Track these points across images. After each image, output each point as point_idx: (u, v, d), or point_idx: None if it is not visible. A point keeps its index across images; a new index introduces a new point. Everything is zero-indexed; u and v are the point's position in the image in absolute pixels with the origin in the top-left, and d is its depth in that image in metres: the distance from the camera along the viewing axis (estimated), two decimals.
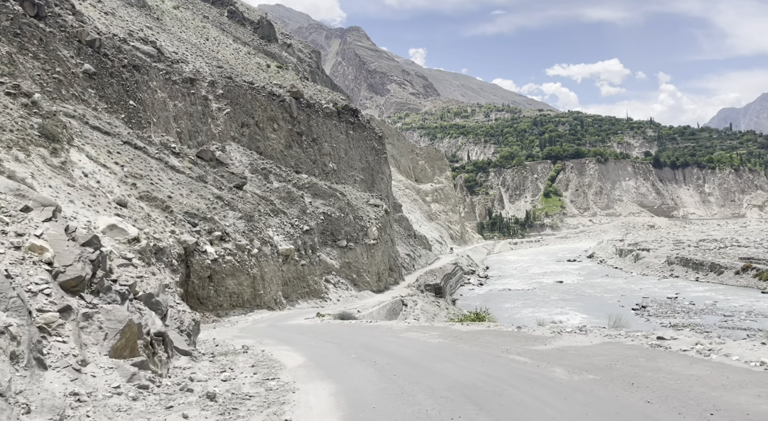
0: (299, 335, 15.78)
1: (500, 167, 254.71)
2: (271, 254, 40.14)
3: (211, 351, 13.93)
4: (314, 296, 49.04)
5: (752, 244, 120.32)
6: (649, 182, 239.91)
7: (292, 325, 21.82)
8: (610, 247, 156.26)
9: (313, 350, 13.76)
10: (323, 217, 59.61)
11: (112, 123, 40.65)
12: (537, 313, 74.64)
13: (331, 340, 15.11)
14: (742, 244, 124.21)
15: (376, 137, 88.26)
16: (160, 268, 28.08)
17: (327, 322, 20.91)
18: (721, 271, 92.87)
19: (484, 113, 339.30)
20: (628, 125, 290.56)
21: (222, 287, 34.52)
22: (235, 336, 16.62)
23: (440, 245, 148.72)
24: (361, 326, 18.34)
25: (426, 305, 52.33)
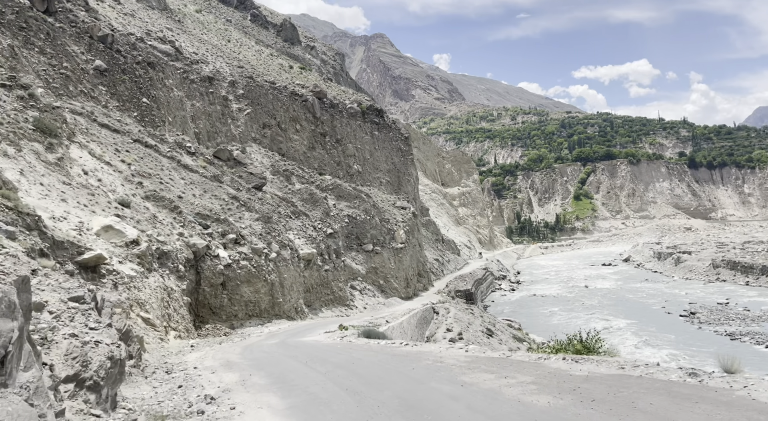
0: (306, 365, 11.42)
1: (528, 170, 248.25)
2: (291, 258, 36.74)
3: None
4: (339, 304, 45.50)
5: None
6: (685, 183, 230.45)
7: (306, 343, 18.07)
8: (647, 250, 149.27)
9: (314, 411, 8.22)
10: (348, 220, 56.14)
11: (122, 121, 37.94)
12: (575, 320, 69.77)
13: (349, 383, 9.65)
14: None
15: (402, 138, 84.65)
16: (164, 274, 24.88)
17: (348, 341, 16.89)
18: None
19: (510, 117, 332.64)
20: (661, 126, 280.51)
21: (236, 295, 31.18)
22: (224, 364, 12.47)
23: (469, 250, 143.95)
24: (395, 353, 12.93)
25: (459, 313, 48.31)
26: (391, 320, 34.03)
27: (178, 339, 22.81)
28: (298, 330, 26.48)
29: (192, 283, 28.62)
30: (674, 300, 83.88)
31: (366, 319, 32.87)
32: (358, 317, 37.26)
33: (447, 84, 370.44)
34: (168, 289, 24.20)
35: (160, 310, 22.24)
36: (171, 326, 22.96)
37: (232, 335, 26.04)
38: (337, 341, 16.87)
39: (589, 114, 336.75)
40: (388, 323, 28.77)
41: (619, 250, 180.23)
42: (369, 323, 28.49)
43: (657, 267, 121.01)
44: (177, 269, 26.22)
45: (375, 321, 30.84)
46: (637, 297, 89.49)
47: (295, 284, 36.83)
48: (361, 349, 14.18)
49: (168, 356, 16.50)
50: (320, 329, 25.49)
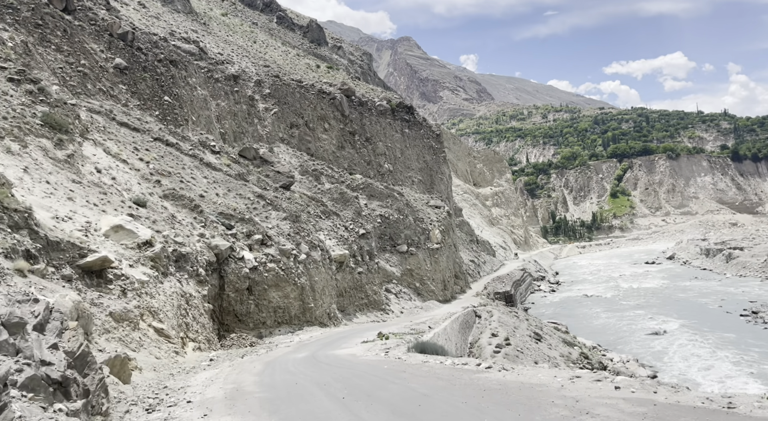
0: (344, 406, 7.66)
1: (562, 168, 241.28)
2: (322, 260, 33.98)
3: None
4: (374, 308, 42.60)
5: None
6: (728, 177, 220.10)
7: (341, 358, 15.02)
8: (692, 247, 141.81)
9: None
10: (380, 220, 53.24)
11: (142, 119, 35.91)
12: (623, 322, 65.17)
13: None
14: None
15: (433, 136, 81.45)
16: (182, 278, 22.33)
17: (397, 358, 13.06)
18: None
19: (541, 115, 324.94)
20: (699, 119, 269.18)
21: (264, 300, 28.52)
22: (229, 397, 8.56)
23: (504, 251, 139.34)
24: (485, 386, 8.61)
25: (503, 316, 44.72)
26: (433, 326, 30.86)
27: (198, 351, 20.17)
28: (332, 339, 23.57)
29: (215, 288, 26.06)
30: (731, 299, 78.04)
31: (405, 325, 29.80)
32: (395, 323, 34.26)
33: (475, 84, 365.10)
34: (186, 295, 21.64)
35: (176, 319, 19.64)
36: (189, 336, 20.34)
37: (259, 346, 23.32)
38: (381, 357, 13.62)
39: (623, 109, 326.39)
40: (431, 329, 25.68)
41: (661, 247, 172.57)
42: (411, 329, 25.40)
43: (706, 264, 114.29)
44: (197, 273, 23.67)
45: (417, 327, 27.75)
46: (689, 296, 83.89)
47: (327, 287, 34.03)
48: (421, 374, 10.13)
49: (176, 375, 13.76)
50: (356, 337, 22.54)
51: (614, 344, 56.46)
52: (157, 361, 15.76)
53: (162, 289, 19.95)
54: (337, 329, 31.48)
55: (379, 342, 18.71)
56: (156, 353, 16.44)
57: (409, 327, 28.81)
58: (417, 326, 28.57)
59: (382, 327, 30.99)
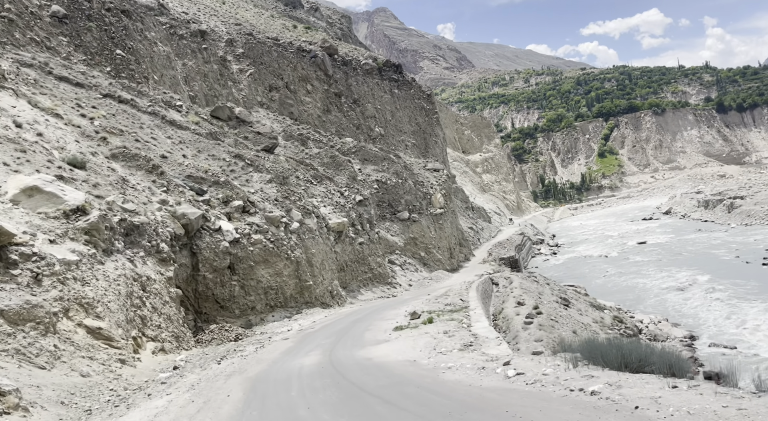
0: None
1: (548, 131, 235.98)
2: (318, 229, 28.04)
3: None
4: (379, 282, 37.01)
5: None
6: (714, 129, 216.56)
7: (389, 370, 8.52)
8: (688, 200, 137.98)
9: None
10: (377, 186, 47.31)
11: (88, 74, 29.24)
12: (639, 279, 60.49)
13: None
14: None
15: (424, 96, 75.03)
16: (135, 256, 16.28)
17: (530, 382, 6.49)
18: None
19: (523, 79, 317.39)
20: (681, 73, 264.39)
21: (251, 280, 22.60)
22: None
23: (499, 217, 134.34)
24: None
25: (525, 282, 39.38)
26: (455, 297, 25.23)
27: (160, 354, 14.27)
28: (344, 325, 17.79)
29: (186, 268, 20.06)
30: (745, 249, 73.46)
31: (426, 299, 24.15)
32: (410, 297, 28.74)
33: (455, 52, 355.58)
34: (142, 278, 15.63)
35: (124, 312, 13.66)
36: (147, 334, 14.40)
37: (246, 339, 17.49)
38: (485, 379, 6.91)
39: (605, 69, 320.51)
40: (463, 302, 20.15)
41: (654, 204, 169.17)
42: (446, 304, 19.74)
43: (706, 216, 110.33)
44: (158, 249, 17.62)
45: (441, 300, 22.12)
46: (700, 248, 79.34)
47: (326, 261, 28.18)
48: None
49: (95, 412, 7.87)
50: (377, 320, 16.88)
51: (635, 303, 51.27)
52: (81, 380, 9.87)
53: (102, 272, 13.94)
54: (343, 309, 25.77)
55: (425, 329, 12.89)
56: (83, 366, 10.53)
57: (432, 299, 23.19)
58: (441, 300, 22.93)
59: (395, 304, 25.33)
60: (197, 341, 17.74)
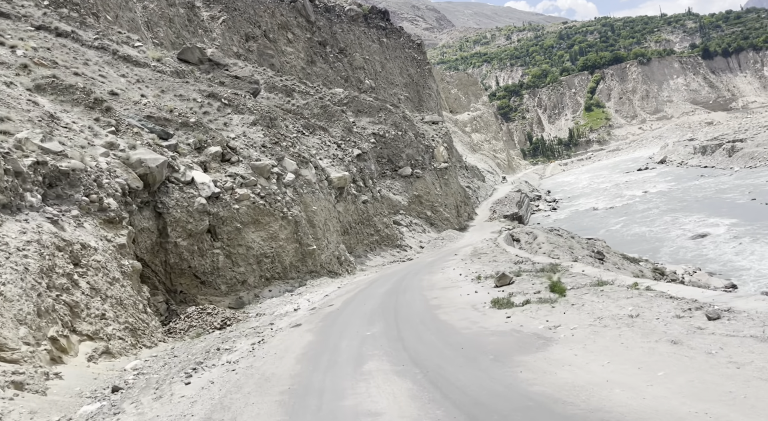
0: None
1: (534, 88, 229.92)
2: (318, 182, 22.63)
3: None
4: (387, 245, 31.97)
5: None
6: (700, 76, 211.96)
7: None
8: (682, 148, 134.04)
9: None
10: (374, 139, 41.77)
11: (17, 3, 23.03)
12: (653, 229, 56.25)
13: None
14: None
15: (414, 46, 68.70)
16: (62, 215, 10.76)
17: None
18: None
19: (504, 36, 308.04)
20: (664, 21, 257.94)
21: (239, 246, 17.28)
22: None
23: (492, 176, 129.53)
24: None
25: (550, 236, 34.78)
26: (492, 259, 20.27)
27: (103, 360, 9.00)
28: (378, 301, 12.67)
29: (151, 233, 14.65)
30: (758, 190, 69.25)
31: (463, 260, 19.10)
32: (431, 259, 23.76)
33: (434, 12, 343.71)
34: (72, 247, 10.17)
35: (31, 299, 8.28)
36: (79, 330, 9.08)
37: (236, 326, 12.28)
38: None
39: (587, 21, 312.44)
40: (519, 257, 15.22)
41: (645, 154, 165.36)
42: (516, 263, 14.72)
43: (706, 162, 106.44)
44: (101, 207, 12.14)
45: (504, 259, 17.09)
46: (709, 194, 75.12)
47: (329, 221, 22.90)
48: None
49: None
50: (432, 288, 11.97)
51: (658, 254, 46.68)
52: None
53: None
54: (356, 277, 20.66)
55: (565, 303, 7.62)
56: None
57: (467, 259, 18.15)
58: (484, 259, 17.87)
59: (424, 268, 20.25)
60: (168, 331, 12.52)
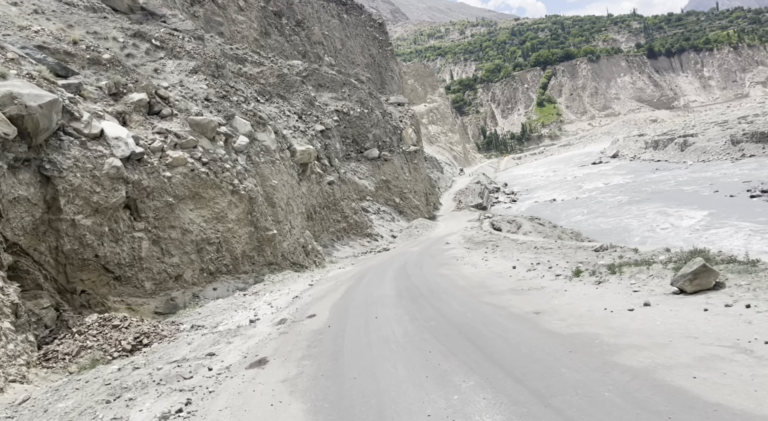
0: None
1: (488, 82, 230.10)
2: (279, 151, 17.83)
3: None
4: (356, 234, 27.49)
5: None
6: (645, 75, 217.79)
7: None
8: (632, 143, 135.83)
9: None
10: (337, 117, 37.04)
11: None
12: (624, 220, 54.29)
13: None
14: None
15: (376, 25, 64.14)
16: None
17: None
18: None
19: (458, 31, 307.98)
20: (611, 21, 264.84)
21: (171, 229, 12.36)
22: None
23: (450, 167, 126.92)
24: None
25: (535, 225, 31.31)
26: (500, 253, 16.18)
27: None
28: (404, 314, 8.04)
29: (33, 206, 9.55)
30: (718, 183, 68.69)
31: (468, 253, 14.90)
32: (418, 249, 19.47)
33: (388, 4, 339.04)
34: None
35: None
36: None
37: (157, 347, 7.52)
38: None
39: (538, 19, 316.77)
40: (551, 243, 11.19)
41: (596, 149, 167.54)
42: (586, 262, 10.58)
43: (658, 156, 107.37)
44: None
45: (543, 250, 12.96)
46: (670, 187, 74.36)
47: (293, 200, 18.16)
48: None
49: None
50: (489, 293, 7.38)
51: (632, 242, 43.79)
52: None
53: None
54: (329, 272, 16.01)
55: None
56: None
57: (471, 247, 14.00)
58: (522, 254, 13.73)
59: (398, 259, 15.93)
60: (45, 357, 7.63)
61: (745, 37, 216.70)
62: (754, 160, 78.62)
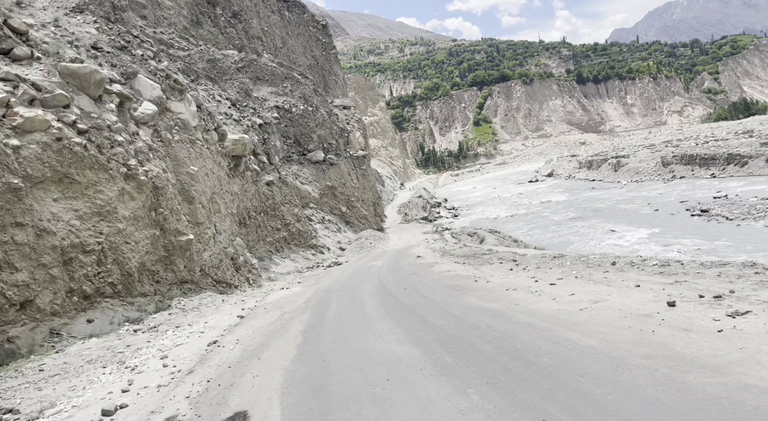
0: None
1: (426, 100, 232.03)
2: (203, 131, 13.27)
3: None
4: (300, 245, 23.00)
5: (731, 137, 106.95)
6: (575, 99, 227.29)
7: None
8: (566, 163, 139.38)
9: None
10: (278, 114, 32.51)
11: None
12: (571, 235, 52.76)
13: None
14: (720, 137, 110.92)
15: (319, 26, 60.14)
16: None
17: None
18: (744, 162, 75.03)
19: (398, 49, 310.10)
20: (543, 47, 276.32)
21: (17, 228, 7.56)
22: None
23: (391, 181, 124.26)
24: None
25: (500, 238, 28.11)
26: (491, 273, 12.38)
27: None
28: None
29: None
30: (656, 202, 69.24)
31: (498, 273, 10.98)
32: (370, 264, 15.36)
33: (329, 19, 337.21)
34: None
35: None
36: None
37: None
38: None
39: (475, 41, 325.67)
40: None
41: (531, 168, 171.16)
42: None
43: (593, 176, 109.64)
44: None
45: None
46: (610, 204, 74.47)
47: (220, 196, 13.58)
48: None
49: None
50: None
51: None
52: None
53: None
54: (269, 295, 11.49)
55: None
56: None
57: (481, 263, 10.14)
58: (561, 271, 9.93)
59: (365, 276, 11.80)
60: None
61: (663, 68, 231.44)
62: (685, 182, 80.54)
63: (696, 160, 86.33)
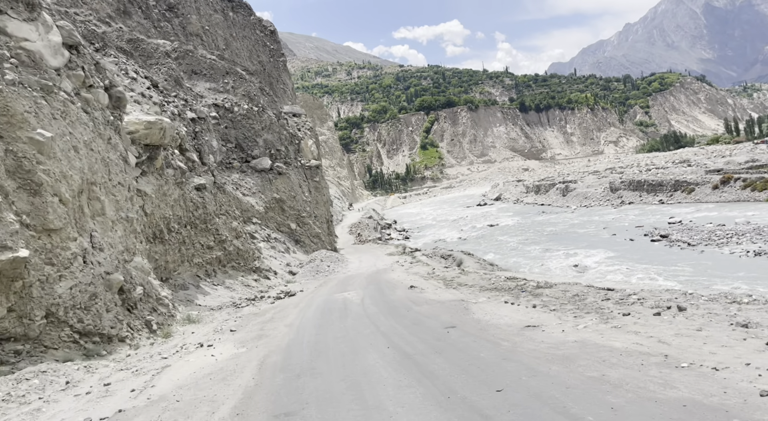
0: None
1: (374, 122, 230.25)
2: (71, 79, 8.22)
3: None
4: (239, 268, 17.73)
5: (670, 165, 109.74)
6: (518, 127, 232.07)
7: None
8: (513, 187, 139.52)
9: None
10: (217, 113, 27.33)
11: None
12: (527, 259, 49.60)
13: None
14: (660, 166, 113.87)
15: (267, 32, 55.34)
16: None
17: None
18: (691, 189, 75.22)
19: (345, 72, 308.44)
20: (486, 76, 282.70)
21: None
22: None
23: (340, 201, 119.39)
24: None
25: (479, 261, 23.94)
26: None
27: None
28: None
29: None
30: (612, 227, 67.55)
31: None
32: (341, 297, 10.67)
33: None
34: None
35: None
36: None
37: None
38: None
39: (421, 67, 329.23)
40: None
41: (478, 192, 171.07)
42: None
43: (541, 200, 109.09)
44: None
45: None
46: (562, 228, 72.30)
47: (109, 189, 8.48)
48: None
49: None
50: None
51: None
52: None
53: None
54: (169, 366, 6.37)
55: None
56: None
57: None
58: None
59: (339, 329, 7.05)
60: None
61: (600, 101, 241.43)
62: (634, 207, 79.79)
63: (644, 186, 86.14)
